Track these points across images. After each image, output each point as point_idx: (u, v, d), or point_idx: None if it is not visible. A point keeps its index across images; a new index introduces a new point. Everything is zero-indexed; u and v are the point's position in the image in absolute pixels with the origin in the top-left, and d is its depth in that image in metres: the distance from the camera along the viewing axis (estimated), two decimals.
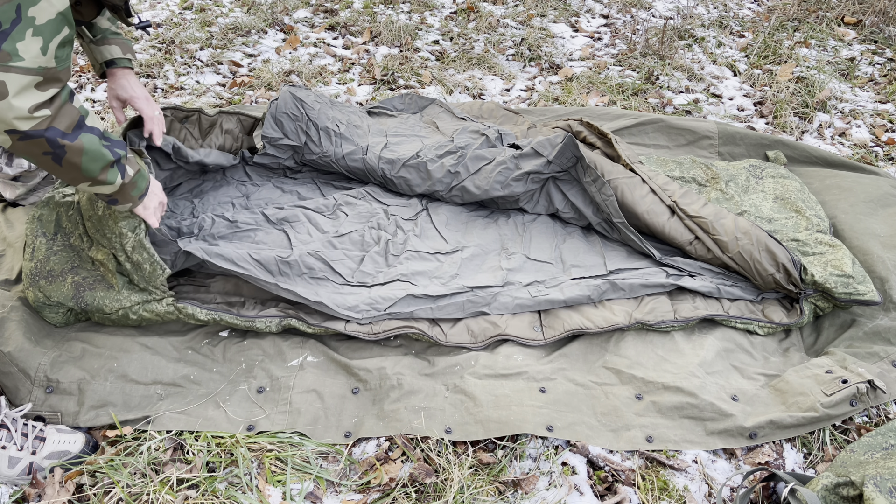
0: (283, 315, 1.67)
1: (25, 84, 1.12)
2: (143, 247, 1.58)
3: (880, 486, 1.25)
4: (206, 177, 2.10)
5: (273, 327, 1.67)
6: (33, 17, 1.10)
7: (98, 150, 1.28)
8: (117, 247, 1.58)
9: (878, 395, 1.54)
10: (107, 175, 1.34)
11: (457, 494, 1.36)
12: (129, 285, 1.65)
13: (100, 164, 1.30)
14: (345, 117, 2.19)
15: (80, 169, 1.28)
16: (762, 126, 2.73)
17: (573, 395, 1.55)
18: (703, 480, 1.43)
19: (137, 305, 1.65)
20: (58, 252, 1.66)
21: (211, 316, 1.66)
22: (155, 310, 1.65)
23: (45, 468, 1.39)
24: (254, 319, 1.65)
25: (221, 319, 1.66)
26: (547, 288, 1.81)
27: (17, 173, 1.96)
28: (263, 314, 1.67)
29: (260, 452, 1.46)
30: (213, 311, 1.66)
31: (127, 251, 1.58)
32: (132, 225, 1.56)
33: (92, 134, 1.27)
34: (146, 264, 1.60)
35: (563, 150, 1.95)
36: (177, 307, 1.65)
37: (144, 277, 1.62)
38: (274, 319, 1.66)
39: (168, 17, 3.58)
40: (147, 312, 1.66)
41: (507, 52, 3.38)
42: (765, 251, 1.76)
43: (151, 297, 1.65)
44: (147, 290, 1.65)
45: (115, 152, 1.33)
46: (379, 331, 1.67)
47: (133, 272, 1.62)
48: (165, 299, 1.66)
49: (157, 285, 1.64)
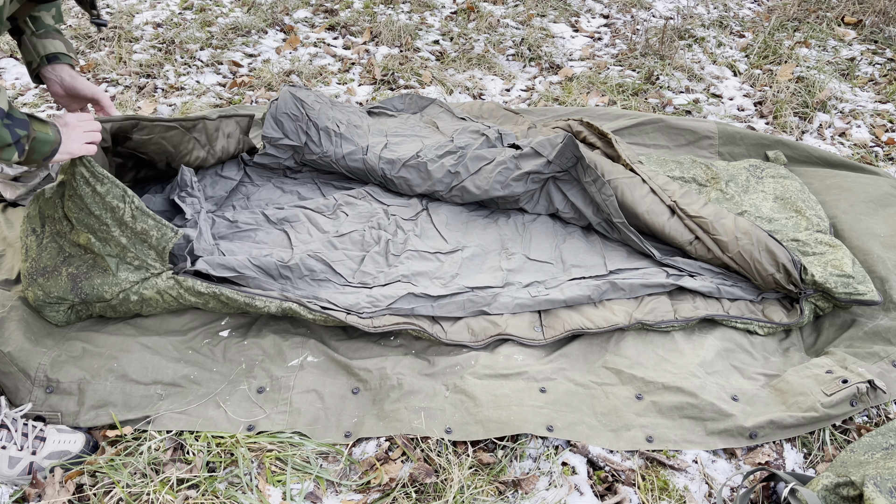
0: (283, 298, 1.64)
1: None
2: (144, 213, 1.55)
3: (880, 486, 1.25)
4: (204, 181, 2.10)
5: (272, 308, 1.63)
6: None
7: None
8: (110, 222, 1.55)
9: (878, 395, 1.54)
10: (2, 154, 1.31)
11: (457, 494, 1.36)
12: (124, 264, 1.61)
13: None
14: (345, 117, 2.19)
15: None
16: (762, 126, 2.73)
17: (573, 395, 1.55)
18: (703, 480, 1.43)
19: (136, 284, 1.62)
20: (47, 246, 1.63)
21: (211, 289, 1.62)
22: (156, 286, 1.62)
23: (45, 468, 1.39)
24: (254, 296, 1.63)
25: (221, 293, 1.62)
26: (547, 288, 1.81)
27: (18, 173, 1.96)
28: (264, 293, 1.64)
29: (260, 452, 1.46)
30: (214, 284, 1.63)
31: (126, 223, 1.55)
32: (118, 194, 1.53)
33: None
34: (153, 230, 1.57)
35: (563, 150, 1.95)
36: (177, 279, 1.62)
37: (146, 248, 1.59)
38: (274, 301, 1.63)
39: (168, 17, 3.58)
40: (147, 290, 1.62)
41: (508, 52, 3.38)
42: (765, 251, 1.76)
43: (150, 273, 1.62)
44: (144, 265, 1.61)
45: (14, 133, 1.30)
46: (379, 325, 1.67)
47: (130, 246, 1.58)
48: (165, 272, 1.63)
49: (163, 254, 1.60)
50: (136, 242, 1.59)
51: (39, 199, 1.66)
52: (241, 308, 1.67)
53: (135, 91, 2.90)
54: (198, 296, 1.65)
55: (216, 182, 2.08)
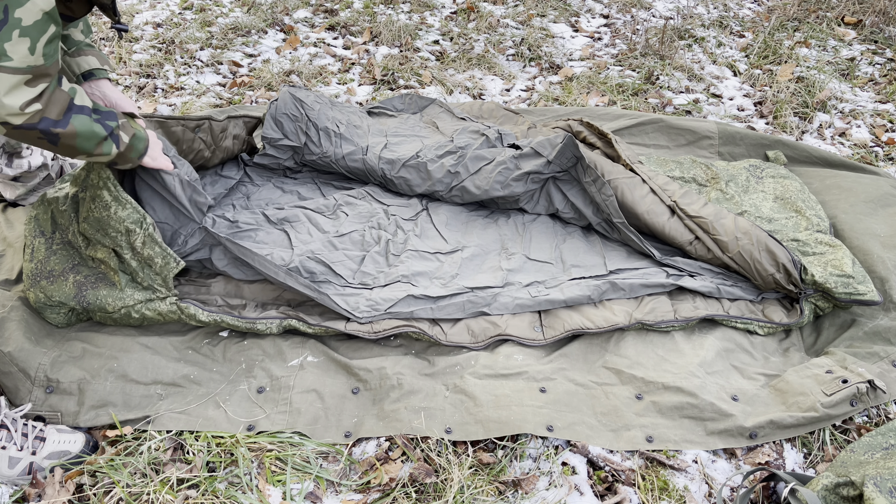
0: (283, 317, 1.67)
1: (15, 83, 1.17)
2: (154, 241, 1.58)
3: (880, 486, 1.25)
4: (205, 179, 2.10)
5: (274, 329, 1.67)
6: (20, 18, 1.13)
7: (90, 129, 1.33)
8: (123, 244, 1.58)
9: (878, 395, 1.54)
10: (102, 148, 1.39)
11: (457, 494, 1.36)
12: (133, 283, 1.65)
13: (94, 141, 1.36)
14: (345, 117, 2.19)
15: (75, 149, 1.35)
16: (762, 126, 2.73)
17: (573, 395, 1.55)
18: (703, 480, 1.43)
19: (140, 304, 1.65)
20: (57, 251, 1.65)
21: (212, 318, 1.66)
22: (158, 309, 1.65)
23: (45, 468, 1.39)
24: (255, 321, 1.65)
25: (223, 321, 1.66)
26: (547, 288, 1.81)
27: (17, 174, 1.96)
28: (264, 316, 1.67)
29: (260, 452, 1.46)
30: (215, 313, 1.66)
31: (136, 247, 1.58)
32: (137, 219, 1.56)
33: (82, 114, 1.32)
34: (158, 258, 1.60)
35: (563, 150, 1.95)
36: (179, 307, 1.65)
37: (155, 272, 1.62)
38: (274, 321, 1.66)
39: (168, 17, 3.58)
40: (149, 311, 1.65)
41: (507, 52, 3.38)
42: (765, 251, 1.76)
43: (155, 296, 1.65)
44: (151, 288, 1.64)
45: (106, 125, 1.38)
46: (379, 329, 1.67)
47: (139, 269, 1.61)
48: (169, 298, 1.66)
49: (167, 281, 1.63)
50: (143, 266, 1.62)
51: (51, 205, 1.68)
52: (242, 331, 1.69)
53: (135, 91, 2.90)
54: (200, 323, 1.68)
55: (216, 181, 2.08)
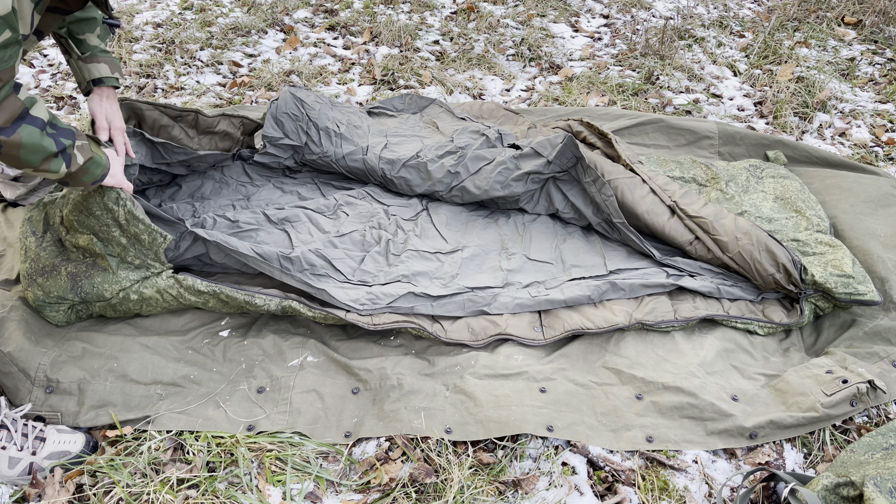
0: (283, 296, 1.65)
1: None
2: (136, 217, 1.57)
3: (880, 487, 1.25)
4: (205, 179, 2.10)
5: (272, 305, 1.64)
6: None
7: (38, 142, 1.28)
8: (110, 222, 1.57)
9: (878, 395, 1.54)
10: (49, 165, 1.34)
11: (457, 494, 1.36)
12: (124, 264, 1.63)
13: (40, 155, 1.30)
14: (345, 117, 2.19)
15: (19, 159, 1.29)
16: (762, 126, 2.73)
17: (573, 395, 1.55)
18: (703, 480, 1.43)
19: (136, 283, 1.64)
20: (46, 248, 1.65)
21: (211, 287, 1.64)
22: (156, 285, 1.64)
23: (45, 468, 1.39)
24: (254, 294, 1.64)
25: (221, 291, 1.64)
26: (547, 288, 1.81)
27: (18, 174, 1.96)
28: (264, 291, 1.65)
29: (260, 452, 1.46)
30: (214, 283, 1.65)
31: (122, 225, 1.57)
32: (112, 197, 1.55)
33: (33, 126, 1.26)
34: (144, 234, 1.59)
35: (563, 151, 1.95)
36: (176, 279, 1.64)
37: (144, 249, 1.61)
38: (274, 299, 1.64)
39: (168, 17, 3.58)
40: (147, 289, 1.64)
41: (508, 52, 3.38)
42: (765, 251, 1.76)
43: (150, 272, 1.64)
44: (145, 265, 1.63)
45: (59, 142, 1.33)
46: (379, 322, 1.67)
47: (129, 247, 1.60)
48: (165, 272, 1.65)
49: (159, 255, 1.62)
50: (134, 243, 1.61)
51: (46, 208, 1.69)
52: (240, 307, 1.67)
53: (135, 91, 2.90)
54: (197, 294, 1.65)
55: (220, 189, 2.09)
